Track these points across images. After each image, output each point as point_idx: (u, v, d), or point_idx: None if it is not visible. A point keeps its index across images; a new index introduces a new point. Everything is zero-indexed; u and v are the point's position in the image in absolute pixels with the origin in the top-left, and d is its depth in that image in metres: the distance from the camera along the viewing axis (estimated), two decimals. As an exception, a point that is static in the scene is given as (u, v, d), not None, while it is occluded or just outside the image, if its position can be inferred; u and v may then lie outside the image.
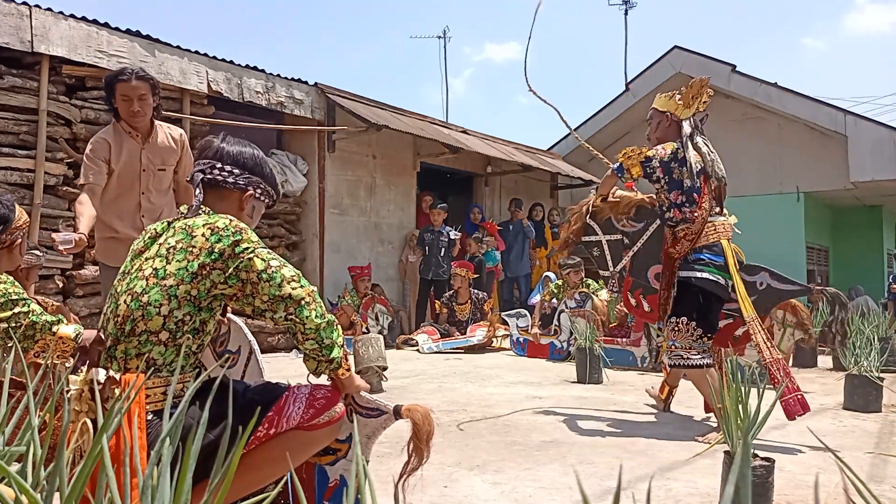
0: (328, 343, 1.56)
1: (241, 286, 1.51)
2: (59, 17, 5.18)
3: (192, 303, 1.51)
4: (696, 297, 3.17)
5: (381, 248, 8.23)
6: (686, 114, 3.31)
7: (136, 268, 1.58)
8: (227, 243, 1.51)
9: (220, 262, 1.51)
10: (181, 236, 1.56)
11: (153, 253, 1.58)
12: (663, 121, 3.35)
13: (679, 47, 10.48)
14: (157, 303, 1.49)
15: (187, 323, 1.51)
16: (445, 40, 20.47)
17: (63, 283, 5.14)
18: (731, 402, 2.02)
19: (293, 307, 1.51)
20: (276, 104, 6.87)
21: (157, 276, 1.51)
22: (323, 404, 1.60)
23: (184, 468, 0.75)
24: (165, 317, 1.49)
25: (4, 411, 1.00)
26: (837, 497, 2.24)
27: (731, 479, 0.60)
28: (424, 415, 1.63)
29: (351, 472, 0.73)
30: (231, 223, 1.55)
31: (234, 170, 1.73)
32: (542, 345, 6.34)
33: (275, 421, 1.55)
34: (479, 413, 3.63)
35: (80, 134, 5.27)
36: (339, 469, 1.77)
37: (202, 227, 1.55)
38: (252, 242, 1.54)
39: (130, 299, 1.51)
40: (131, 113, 3.09)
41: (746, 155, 10.36)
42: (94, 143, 3.15)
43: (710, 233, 3.20)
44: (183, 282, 1.50)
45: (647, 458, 2.75)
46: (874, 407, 3.74)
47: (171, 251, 1.54)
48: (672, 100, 3.35)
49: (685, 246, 3.21)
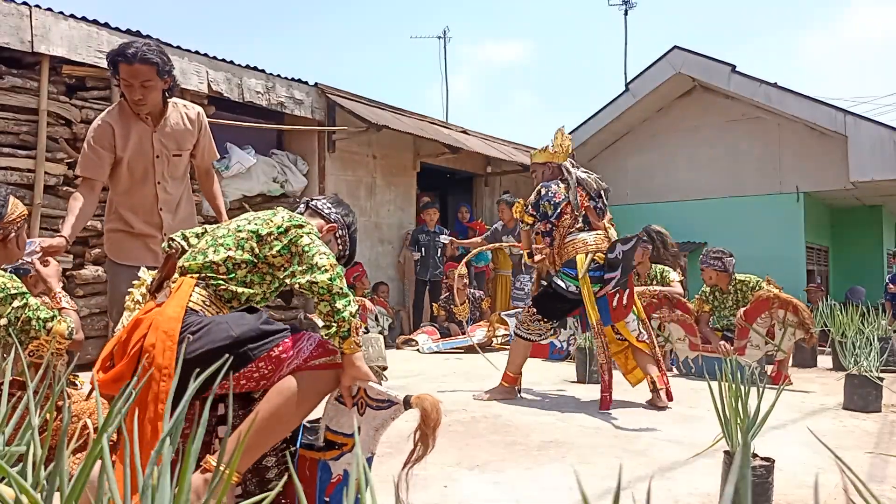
0: (339, 307, 1.74)
1: (289, 256, 1.82)
2: (59, 17, 5.18)
3: (252, 256, 1.84)
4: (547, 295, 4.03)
5: (380, 248, 8.23)
6: (562, 158, 4.07)
7: (225, 228, 1.94)
8: (293, 223, 1.86)
9: (283, 236, 1.83)
10: (269, 215, 1.92)
11: (241, 217, 1.97)
12: (545, 170, 4.12)
13: (679, 47, 10.46)
14: (227, 245, 1.85)
15: (241, 269, 1.84)
16: (445, 40, 20.49)
17: (63, 283, 5.13)
18: (730, 402, 2.02)
19: (317, 273, 1.75)
20: (276, 104, 6.87)
21: (237, 230, 1.89)
22: (330, 349, 1.79)
23: (184, 468, 0.75)
24: (229, 256, 1.83)
25: (4, 411, 1.00)
26: (837, 497, 2.24)
27: (731, 479, 0.60)
28: (433, 404, 1.68)
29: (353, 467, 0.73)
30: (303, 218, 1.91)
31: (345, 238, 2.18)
32: (542, 345, 6.33)
33: (287, 347, 1.73)
34: (479, 413, 3.63)
35: (80, 134, 5.27)
36: (342, 464, 1.77)
37: (284, 213, 1.92)
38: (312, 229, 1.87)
39: (211, 239, 1.90)
40: (134, 101, 2.76)
41: (746, 155, 10.35)
42: (95, 130, 2.80)
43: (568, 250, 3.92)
44: (251, 238, 1.85)
45: (647, 458, 2.75)
46: (874, 407, 3.74)
47: (255, 217, 1.92)
48: (545, 152, 4.11)
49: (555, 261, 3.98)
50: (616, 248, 3.69)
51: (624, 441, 3.04)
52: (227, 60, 6.44)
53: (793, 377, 4.78)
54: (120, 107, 2.86)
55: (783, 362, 4.71)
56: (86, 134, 2.88)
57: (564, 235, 3.93)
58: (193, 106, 3.05)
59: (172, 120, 2.92)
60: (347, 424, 1.74)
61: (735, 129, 10.48)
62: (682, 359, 5.22)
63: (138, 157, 2.86)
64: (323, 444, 1.83)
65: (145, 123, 2.86)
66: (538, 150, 4.16)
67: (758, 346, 4.71)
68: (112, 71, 2.73)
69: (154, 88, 2.75)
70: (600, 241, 3.91)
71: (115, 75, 2.74)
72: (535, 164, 4.19)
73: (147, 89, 2.72)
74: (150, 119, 2.86)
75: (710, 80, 10.31)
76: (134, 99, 2.75)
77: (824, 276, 11.70)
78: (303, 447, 1.87)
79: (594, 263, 3.84)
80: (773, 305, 4.63)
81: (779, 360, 4.71)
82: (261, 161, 6.84)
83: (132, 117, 2.84)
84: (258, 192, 6.83)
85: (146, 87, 2.72)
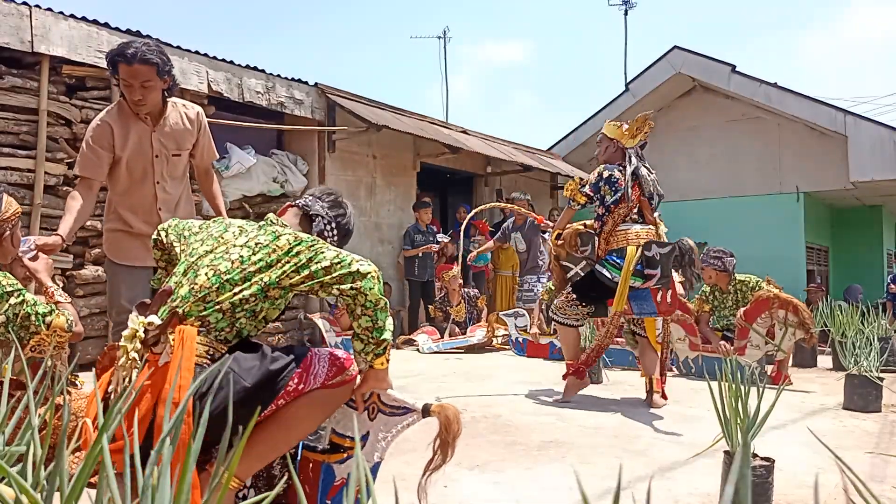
0: (382, 324, 1.70)
1: (308, 274, 1.69)
2: (59, 17, 5.18)
3: (262, 288, 1.69)
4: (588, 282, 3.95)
5: (381, 248, 8.23)
6: (630, 143, 3.95)
7: (224, 251, 1.75)
8: (304, 246, 1.73)
9: (294, 259, 1.71)
10: (270, 238, 1.77)
11: (242, 243, 1.77)
12: (610, 146, 3.99)
13: (679, 47, 10.47)
14: (234, 282, 1.69)
15: (249, 302, 1.68)
16: (445, 40, 20.48)
17: (63, 283, 5.14)
18: (730, 402, 2.02)
19: (359, 280, 1.68)
20: (276, 104, 6.87)
21: (241, 262, 1.71)
22: (342, 364, 1.73)
23: (184, 468, 0.75)
24: (235, 293, 1.67)
25: (4, 411, 1.00)
26: (837, 497, 2.24)
27: (731, 479, 0.60)
28: (455, 414, 1.69)
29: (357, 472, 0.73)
30: (313, 238, 1.79)
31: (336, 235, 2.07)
32: (542, 344, 6.34)
33: (304, 377, 1.66)
34: (479, 413, 3.62)
35: (79, 134, 5.27)
36: (347, 468, 1.77)
37: (289, 235, 1.77)
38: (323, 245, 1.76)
39: (213, 274, 1.70)
40: (133, 102, 2.74)
41: (746, 155, 10.35)
42: (94, 129, 2.78)
43: (618, 239, 3.83)
44: (260, 270, 1.70)
45: (647, 458, 2.75)
46: (874, 407, 3.74)
47: (258, 245, 1.75)
48: (619, 129, 3.99)
49: (601, 247, 3.90)
50: (652, 248, 3.67)
51: (624, 441, 3.04)
52: (227, 60, 6.44)
53: (793, 377, 4.78)
54: (119, 106, 2.84)
55: (783, 362, 4.71)
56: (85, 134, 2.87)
57: (617, 223, 3.83)
58: (193, 105, 3.04)
59: (172, 119, 2.90)
60: (356, 429, 1.74)
61: (735, 129, 10.48)
62: (682, 359, 5.21)
63: (137, 157, 2.84)
64: (328, 446, 1.83)
65: (144, 123, 2.84)
66: (614, 124, 4.04)
67: (758, 346, 4.71)
68: (111, 71, 2.72)
69: (154, 89, 2.73)
70: (652, 236, 3.84)
71: (114, 75, 2.73)
72: (603, 135, 4.05)
73: (147, 89, 2.71)
74: (149, 119, 2.85)
75: (710, 80, 10.31)
76: (134, 99, 2.73)
77: (824, 276, 11.70)
78: (306, 449, 1.86)
79: None
80: (773, 305, 4.63)
81: (779, 360, 4.71)
82: (261, 161, 6.84)
83: (131, 117, 2.82)
84: (258, 192, 6.82)
85: (146, 87, 2.70)
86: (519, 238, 7.37)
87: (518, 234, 7.36)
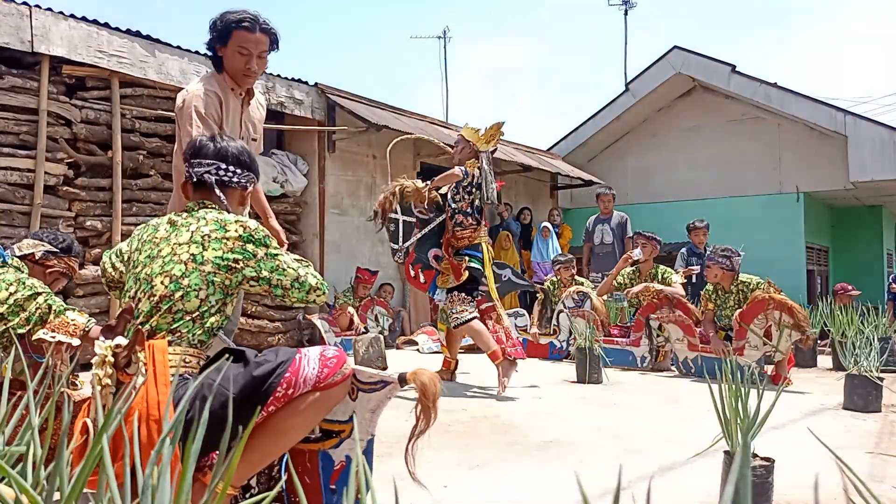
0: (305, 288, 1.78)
1: (267, 287, 1.73)
2: (59, 17, 5.18)
3: (223, 290, 1.70)
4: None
5: (381, 248, 8.22)
6: (484, 147, 4.42)
7: (170, 252, 1.70)
8: (258, 244, 1.73)
9: (253, 262, 1.71)
10: (215, 227, 1.72)
11: (186, 239, 1.71)
12: (466, 147, 4.45)
13: (679, 47, 10.47)
14: (196, 286, 1.65)
15: (215, 305, 1.69)
16: (445, 40, 20.46)
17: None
18: (730, 403, 2.02)
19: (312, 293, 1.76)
20: (276, 104, 6.87)
21: (195, 262, 1.67)
22: (335, 363, 1.67)
23: (184, 468, 0.75)
24: (202, 300, 1.66)
25: (4, 411, 1.00)
26: (837, 497, 2.24)
27: (731, 479, 0.60)
28: (431, 377, 1.69)
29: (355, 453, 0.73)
30: (260, 227, 1.76)
31: (237, 170, 1.89)
32: (542, 344, 6.34)
33: (293, 381, 1.61)
34: (479, 413, 3.63)
35: (80, 134, 5.27)
36: (343, 450, 1.77)
37: (234, 224, 1.73)
38: (277, 248, 1.77)
39: (169, 281, 1.66)
40: (246, 71, 2.48)
41: (746, 155, 10.36)
42: (203, 97, 2.45)
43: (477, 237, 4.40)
44: (219, 271, 1.68)
45: (646, 458, 2.75)
46: (874, 407, 3.74)
47: (206, 238, 1.70)
48: (476, 133, 4.44)
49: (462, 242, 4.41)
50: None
51: (624, 441, 3.04)
52: (227, 60, 6.43)
53: (793, 377, 4.78)
54: (215, 79, 2.55)
55: (781, 363, 4.71)
56: (86, 134, 2.81)
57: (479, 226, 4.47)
58: (263, 96, 2.86)
59: (254, 103, 2.71)
60: (341, 412, 1.74)
61: (735, 130, 10.49)
62: (681, 359, 5.22)
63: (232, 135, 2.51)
64: (320, 434, 1.83)
65: (238, 100, 2.59)
66: (472, 129, 4.48)
67: (756, 346, 4.71)
68: (216, 38, 2.48)
69: (266, 61, 2.54)
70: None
71: (219, 43, 2.49)
72: (461, 136, 4.50)
73: (262, 61, 2.51)
74: (243, 96, 2.60)
75: (710, 81, 10.32)
76: (247, 68, 2.49)
77: (824, 277, 11.70)
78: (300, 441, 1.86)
79: None
80: (769, 307, 4.63)
81: (778, 361, 4.70)
82: (261, 161, 6.80)
83: (229, 92, 2.56)
84: (258, 192, 6.82)
85: (262, 58, 2.51)
86: (606, 230, 7.30)
87: (606, 226, 7.31)
